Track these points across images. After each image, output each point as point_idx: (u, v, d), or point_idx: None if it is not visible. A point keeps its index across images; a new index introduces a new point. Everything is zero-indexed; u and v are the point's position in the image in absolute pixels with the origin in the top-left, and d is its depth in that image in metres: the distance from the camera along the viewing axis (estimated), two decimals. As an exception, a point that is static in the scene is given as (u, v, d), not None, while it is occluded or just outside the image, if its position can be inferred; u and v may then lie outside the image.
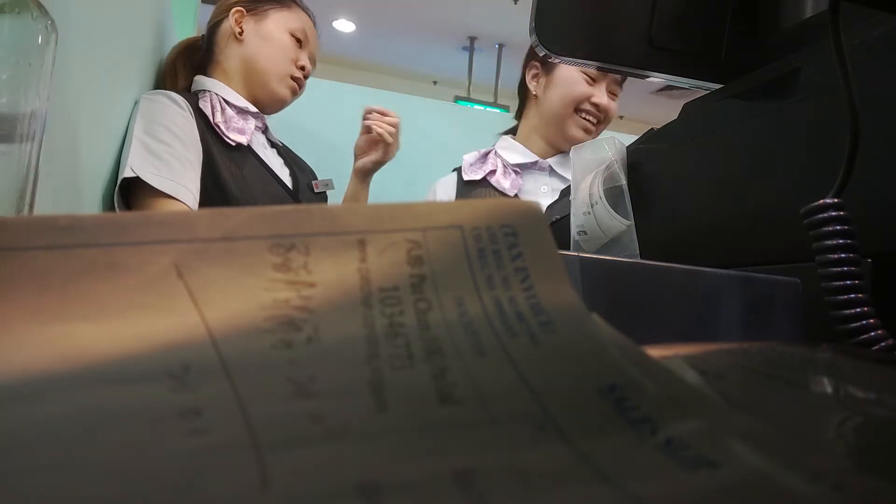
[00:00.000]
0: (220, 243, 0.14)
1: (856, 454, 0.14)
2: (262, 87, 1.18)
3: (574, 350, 0.14)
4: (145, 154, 0.96)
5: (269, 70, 1.17)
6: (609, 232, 0.55)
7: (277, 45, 1.18)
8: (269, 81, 1.17)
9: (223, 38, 1.18)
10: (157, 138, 0.98)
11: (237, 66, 1.17)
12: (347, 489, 0.10)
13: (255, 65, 1.17)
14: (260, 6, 1.18)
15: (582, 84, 1.24)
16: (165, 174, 0.96)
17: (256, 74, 1.17)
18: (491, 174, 1.29)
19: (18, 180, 0.32)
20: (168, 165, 0.97)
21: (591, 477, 0.11)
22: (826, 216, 0.30)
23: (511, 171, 1.29)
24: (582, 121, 1.26)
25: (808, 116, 0.42)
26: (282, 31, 1.18)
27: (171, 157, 0.98)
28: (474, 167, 1.31)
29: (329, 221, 0.15)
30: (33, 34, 0.33)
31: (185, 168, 0.99)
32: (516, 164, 1.30)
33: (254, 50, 1.17)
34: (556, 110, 1.27)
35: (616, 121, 1.38)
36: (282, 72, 1.18)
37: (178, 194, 0.96)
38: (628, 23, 0.51)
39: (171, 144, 0.99)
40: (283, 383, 0.12)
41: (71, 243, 0.14)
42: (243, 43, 1.17)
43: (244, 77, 1.17)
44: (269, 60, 1.17)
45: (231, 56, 1.17)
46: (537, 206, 0.17)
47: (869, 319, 0.28)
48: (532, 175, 1.31)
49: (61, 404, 0.11)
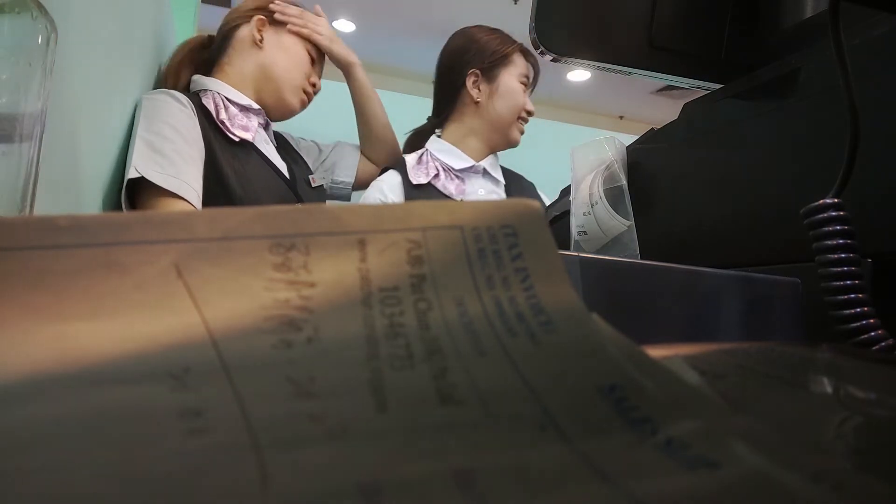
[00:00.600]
0: (219, 243, 0.14)
1: (856, 454, 0.14)
2: (273, 95, 1.20)
3: (574, 350, 0.14)
4: (149, 152, 0.96)
5: (284, 79, 1.19)
6: (609, 232, 0.55)
7: (295, 58, 1.21)
8: (283, 91, 1.20)
9: (240, 43, 1.19)
10: (160, 135, 0.98)
11: (252, 71, 1.18)
12: (347, 489, 0.10)
13: (272, 72, 1.19)
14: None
15: (522, 93, 1.33)
16: (170, 171, 0.96)
17: (271, 82, 1.19)
18: (436, 178, 1.32)
19: (18, 180, 0.32)
20: (172, 162, 0.97)
21: (591, 477, 0.11)
22: (826, 216, 0.30)
23: (453, 175, 1.33)
24: (520, 125, 1.36)
25: (808, 116, 0.42)
26: (300, 46, 1.21)
27: (174, 153, 0.98)
28: (419, 170, 1.34)
29: (329, 221, 0.15)
30: (33, 34, 0.33)
31: (188, 164, 0.99)
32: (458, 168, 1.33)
33: (272, 58, 1.19)
34: (504, 118, 1.33)
35: (616, 121, 1.40)
36: (296, 83, 1.21)
37: (182, 192, 0.96)
38: (628, 23, 0.51)
39: (173, 141, 0.99)
40: (283, 383, 0.12)
41: (71, 243, 0.14)
42: (262, 50, 1.19)
43: (257, 82, 1.18)
44: (286, 71, 1.20)
45: (247, 61, 1.19)
46: (537, 207, 0.17)
47: (869, 319, 0.28)
48: (469, 178, 1.35)
49: (61, 404, 0.11)
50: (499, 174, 1.36)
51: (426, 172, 1.31)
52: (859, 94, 0.30)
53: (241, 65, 1.18)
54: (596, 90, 5.11)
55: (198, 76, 1.17)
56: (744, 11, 0.52)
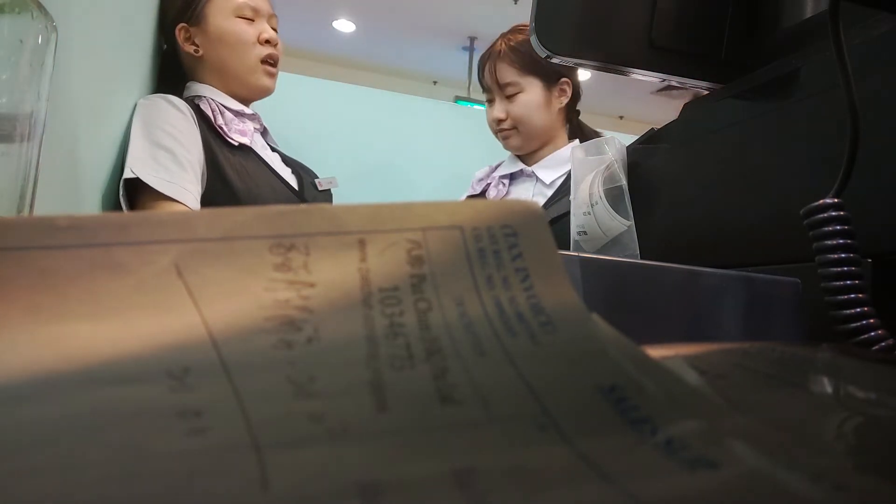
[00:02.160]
0: (220, 243, 0.14)
1: (856, 454, 0.14)
2: (241, 86, 1.16)
3: (574, 350, 0.14)
4: (144, 157, 0.96)
5: (238, 70, 1.14)
6: (609, 232, 0.55)
7: (234, 40, 1.12)
8: (244, 79, 1.15)
9: (186, 58, 1.15)
10: (156, 142, 0.98)
11: (210, 78, 1.15)
12: (347, 489, 0.10)
13: (226, 71, 1.14)
14: (195, 8, 1.12)
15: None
16: (164, 176, 0.96)
17: (230, 78, 1.15)
18: (488, 187, 1.33)
19: (18, 180, 0.32)
20: (167, 168, 0.97)
21: (591, 477, 0.11)
22: (826, 216, 0.30)
23: (500, 181, 1.33)
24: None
25: (808, 116, 0.42)
26: (229, 21, 1.12)
27: (169, 160, 0.98)
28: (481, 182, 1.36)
29: (329, 221, 0.15)
30: (33, 34, 0.33)
31: (184, 170, 0.99)
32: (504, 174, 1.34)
33: (217, 58, 1.13)
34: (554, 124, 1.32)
35: (616, 121, 1.40)
36: (250, 64, 1.14)
37: (178, 196, 0.96)
38: (628, 23, 0.51)
39: (170, 148, 0.99)
40: (283, 383, 0.12)
41: (71, 243, 0.14)
42: (204, 57, 1.13)
43: (221, 85, 1.15)
44: (235, 61, 1.13)
45: (202, 72, 1.15)
46: (537, 207, 0.17)
47: (869, 319, 0.28)
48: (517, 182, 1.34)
49: (61, 404, 0.11)
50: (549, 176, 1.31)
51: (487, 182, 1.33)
52: (859, 94, 0.30)
53: (202, 75, 1.15)
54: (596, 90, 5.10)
55: (192, 82, 1.17)
56: (744, 11, 0.52)
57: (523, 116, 1.28)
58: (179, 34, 1.13)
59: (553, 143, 1.33)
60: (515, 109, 1.29)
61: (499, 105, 1.30)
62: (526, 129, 1.29)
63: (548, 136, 1.32)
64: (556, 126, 1.33)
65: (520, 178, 1.33)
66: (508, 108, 1.29)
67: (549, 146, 1.33)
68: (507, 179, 1.33)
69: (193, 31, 1.13)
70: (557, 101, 1.31)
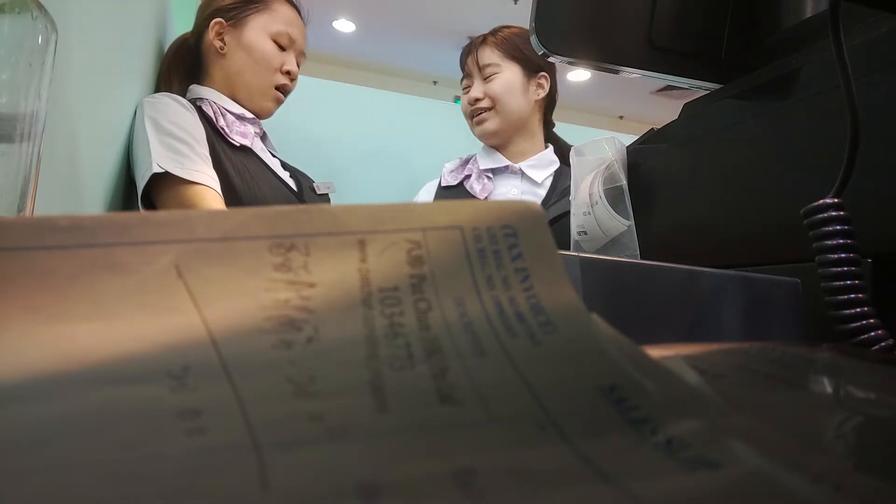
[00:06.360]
0: (220, 243, 0.14)
1: (856, 454, 0.14)
2: (247, 101, 1.17)
3: (574, 350, 0.14)
4: (164, 150, 0.97)
5: (252, 85, 1.15)
6: (609, 232, 0.55)
7: (260, 57, 1.15)
8: (253, 97, 1.16)
9: (207, 51, 1.16)
10: (171, 134, 1.00)
11: (222, 81, 1.16)
12: (347, 489, 0.10)
13: (239, 80, 1.15)
14: (240, 13, 1.14)
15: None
16: (191, 166, 0.98)
17: (240, 87, 1.16)
18: (466, 179, 1.33)
19: (18, 180, 0.32)
20: (190, 158, 0.99)
21: (591, 477, 0.11)
22: (826, 216, 0.30)
23: (484, 175, 1.33)
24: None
25: (808, 116, 0.42)
26: (263, 39, 1.15)
27: (189, 150, 1.00)
28: (454, 174, 1.36)
29: (329, 221, 0.15)
30: (33, 34, 0.33)
31: (202, 159, 1.01)
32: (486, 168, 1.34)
33: (237, 65, 1.14)
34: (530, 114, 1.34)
35: (616, 121, 1.40)
36: (265, 86, 1.16)
37: (208, 184, 0.98)
38: (628, 23, 0.51)
39: (185, 140, 1.01)
40: (283, 383, 0.12)
41: (71, 243, 0.14)
42: (226, 57, 1.15)
43: (230, 91, 1.16)
44: (252, 75, 1.15)
45: (218, 70, 1.16)
46: (537, 207, 0.17)
47: (869, 319, 0.28)
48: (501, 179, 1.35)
49: (61, 405, 0.11)
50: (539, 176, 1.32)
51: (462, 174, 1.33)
52: (859, 94, 0.30)
53: (214, 73, 1.17)
54: (596, 90, 5.10)
55: (194, 86, 1.17)
56: (744, 11, 0.52)
57: (501, 95, 1.29)
58: (213, 26, 1.14)
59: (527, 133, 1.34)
60: (493, 87, 1.30)
61: (476, 86, 1.32)
62: (502, 109, 1.30)
63: (522, 124, 1.33)
64: (531, 118, 1.34)
65: (504, 173, 1.34)
66: (486, 87, 1.31)
67: (522, 137, 1.34)
68: (490, 174, 1.34)
69: (228, 29, 1.15)
70: (535, 92, 1.32)
